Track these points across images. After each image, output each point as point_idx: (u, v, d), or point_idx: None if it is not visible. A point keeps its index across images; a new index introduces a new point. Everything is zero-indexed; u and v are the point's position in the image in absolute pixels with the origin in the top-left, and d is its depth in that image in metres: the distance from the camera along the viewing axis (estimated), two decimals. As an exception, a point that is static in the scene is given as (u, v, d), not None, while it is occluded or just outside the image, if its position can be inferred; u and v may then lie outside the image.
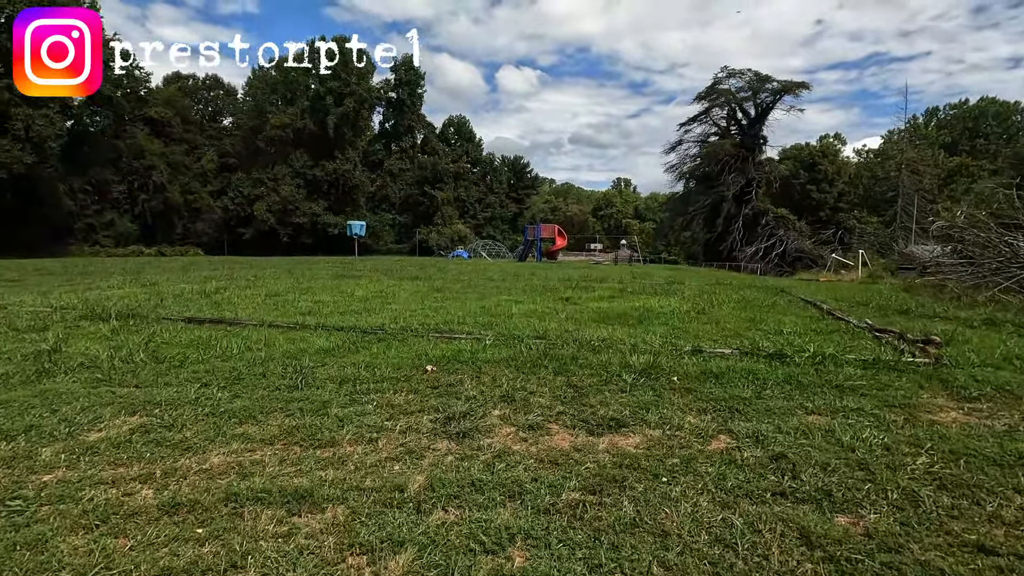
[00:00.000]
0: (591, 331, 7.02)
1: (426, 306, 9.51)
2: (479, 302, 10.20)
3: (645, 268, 30.46)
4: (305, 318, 7.92)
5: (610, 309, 9.23)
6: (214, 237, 61.44)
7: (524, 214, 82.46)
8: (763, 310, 9.12)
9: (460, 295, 11.43)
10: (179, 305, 9.42)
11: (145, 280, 14.97)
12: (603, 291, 12.40)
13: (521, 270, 22.90)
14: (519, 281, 15.55)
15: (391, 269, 22.01)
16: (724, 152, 46.19)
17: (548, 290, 12.79)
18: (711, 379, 4.89)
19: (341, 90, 60.44)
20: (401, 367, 5.32)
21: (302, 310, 8.85)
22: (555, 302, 10.42)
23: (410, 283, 14.52)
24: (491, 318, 8.16)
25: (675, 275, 21.74)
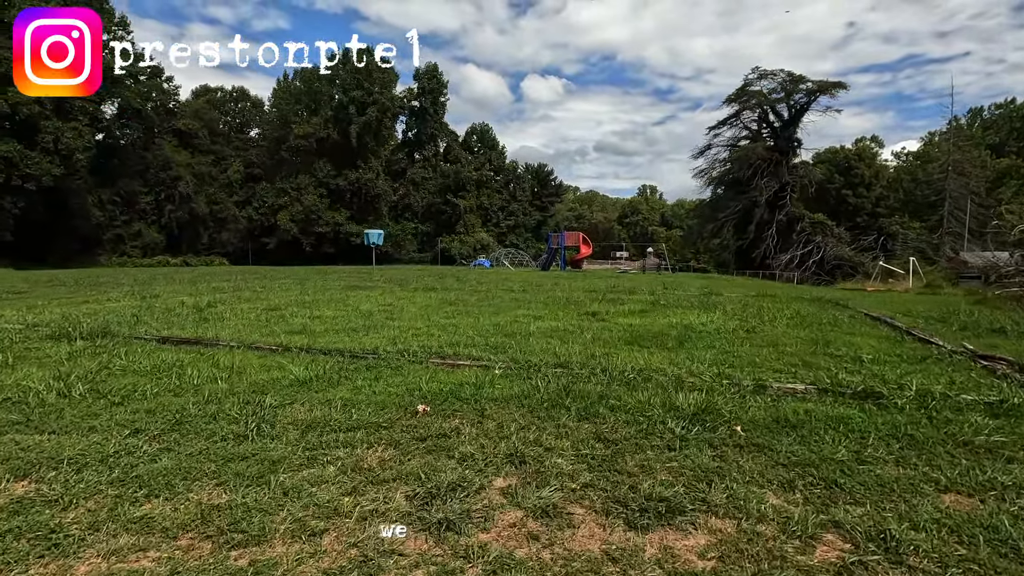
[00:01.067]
0: (623, 356, 5.87)
1: (433, 323, 8.46)
2: (494, 318, 9.11)
3: (675, 277, 28.99)
4: (293, 338, 6.94)
5: (643, 327, 8.04)
6: (239, 247, 61.88)
7: (548, 222, 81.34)
8: (825, 328, 7.80)
9: (474, 309, 10.36)
10: (163, 322, 8.57)
11: (149, 292, 14.32)
12: (633, 304, 11.19)
13: (544, 280, 21.78)
14: (540, 293, 14.44)
15: (407, 279, 21.14)
16: (756, 156, 44.37)
17: (572, 303, 11.64)
18: (787, 430, 3.69)
19: (364, 99, 60.47)
20: (386, 407, 4.26)
21: (294, 328, 7.88)
22: (580, 318, 9.26)
23: (423, 295, 13.53)
24: (505, 338, 7.05)
25: (709, 284, 20.34)
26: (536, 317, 9.27)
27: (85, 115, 42.61)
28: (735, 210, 46.05)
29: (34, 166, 37.55)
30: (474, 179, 71.10)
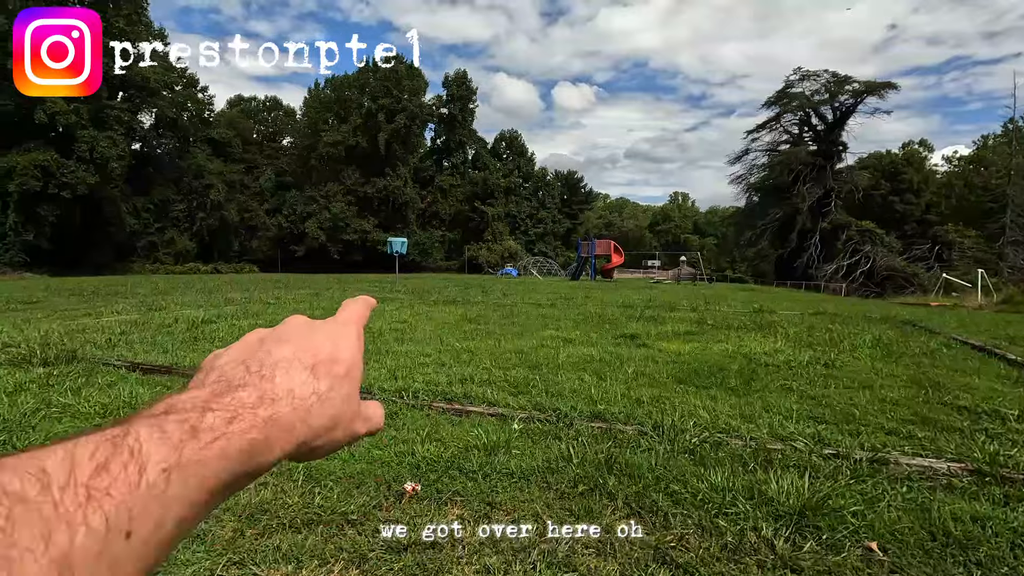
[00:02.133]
0: (678, 402, 4.61)
1: (447, 347, 7.33)
2: (517, 341, 7.93)
3: (713, 288, 27.33)
4: (278, 368, 5.89)
5: (695, 356, 6.74)
6: (269, 254, 62.39)
7: (577, 230, 79.98)
8: (923, 363, 6.37)
9: (495, 329, 9.20)
10: (149, 343, 7.67)
11: (158, 304, 13.63)
12: (677, 324, 9.86)
13: (574, 291, 20.52)
14: (571, 307, 13.20)
15: (430, 290, 20.16)
16: (798, 160, 42.22)
17: (606, 321, 10.37)
18: (955, 554, 2.40)
19: (393, 107, 60.42)
20: (363, 483, 3.14)
21: (286, 352, 6.84)
22: (617, 341, 8.01)
23: (442, 309, 12.46)
24: (529, 371, 5.86)
25: (754, 298, 18.75)
26: (566, 340, 8.05)
27: (121, 125, 43.34)
28: (775, 217, 43.88)
29: (70, 175, 38.23)
30: (502, 186, 70.32)
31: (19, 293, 18.87)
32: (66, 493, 0.24)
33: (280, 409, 0.32)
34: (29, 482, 0.23)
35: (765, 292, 26.35)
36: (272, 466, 0.32)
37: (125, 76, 45.22)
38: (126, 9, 45.14)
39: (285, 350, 0.37)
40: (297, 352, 0.37)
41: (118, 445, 0.27)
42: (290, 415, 0.33)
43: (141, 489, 0.26)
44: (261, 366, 0.35)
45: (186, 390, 0.34)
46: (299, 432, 0.33)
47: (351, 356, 0.39)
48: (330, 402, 0.35)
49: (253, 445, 0.30)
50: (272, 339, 0.39)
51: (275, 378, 0.34)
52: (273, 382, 0.34)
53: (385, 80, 60.45)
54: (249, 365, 0.36)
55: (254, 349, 0.38)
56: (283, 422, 0.32)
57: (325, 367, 0.37)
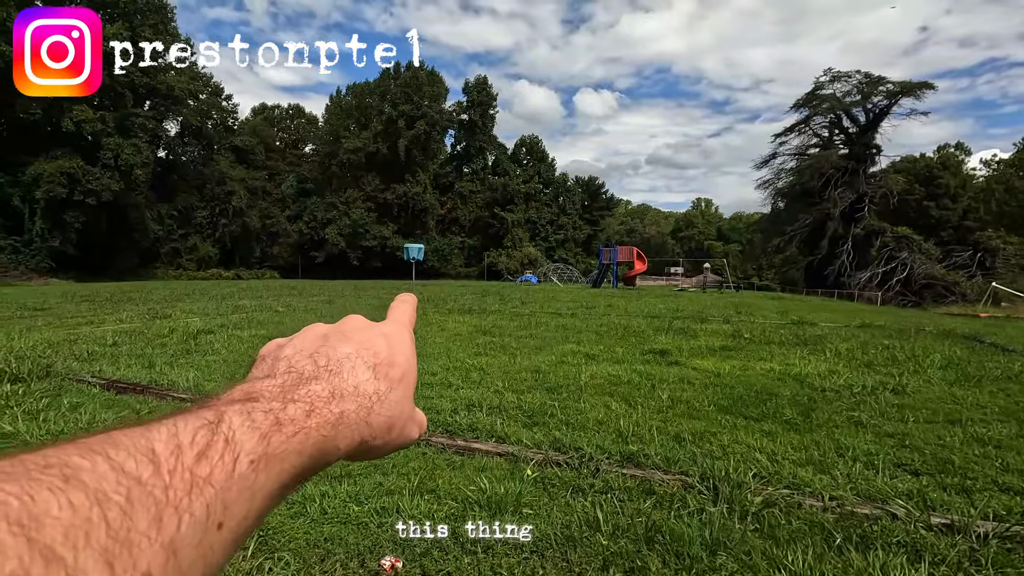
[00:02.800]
0: (726, 439, 3.82)
1: (456, 364, 6.61)
2: (534, 357, 7.18)
3: (741, 297, 26.17)
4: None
5: (736, 378, 5.90)
6: (290, 260, 62.68)
7: (598, 236, 78.88)
8: (1007, 388, 5.43)
9: (511, 343, 8.45)
10: (136, 355, 7.12)
11: (163, 311, 13.21)
12: (710, 338, 8.99)
13: (595, 300, 19.67)
14: (592, 317, 12.39)
15: (445, 298, 19.51)
16: (829, 164, 40.69)
17: (632, 333, 9.55)
18: None
19: (413, 113, 60.35)
20: (331, 552, 2.44)
21: (279, 369, 6.19)
22: (645, 358, 7.19)
23: (456, 319, 11.76)
24: (546, 395, 5.11)
25: (787, 308, 17.69)
26: (589, 357, 7.27)
27: (145, 132, 43.90)
28: (804, 223, 42.34)
29: (95, 182, 38.72)
30: (522, 192, 69.70)
31: (34, 299, 18.76)
32: (175, 477, 0.24)
33: (348, 406, 0.33)
34: (143, 463, 0.23)
35: (796, 301, 25.11)
36: (333, 463, 0.32)
37: (151, 85, 45.95)
38: (152, 19, 45.84)
39: (348, 347, 0.37)
40: (359, 350, 0.37)
41: (215, 432, 0.27)
42: (355, 413, 0.33)
43: (235, 479, 0.26)
44: (328, 360, 0.35)
45: (255, 379, 0.33)
46: (361, 431, 0.33)
47: (406, 360, 0.39)
48: (388, 403, 0.35)
49: (325, 441, 0.31)
50: (335, 335, 0.39)
51: (342, 373, 0.35)
52: (341, 377, 0.34)
53: (406, 86, 60.45)
54: (317, 359, 0.36)
55: (319, 343, 0.37)
56: (350, 420, 0.32)
57: (384, 369, 0.37)
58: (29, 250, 37.93)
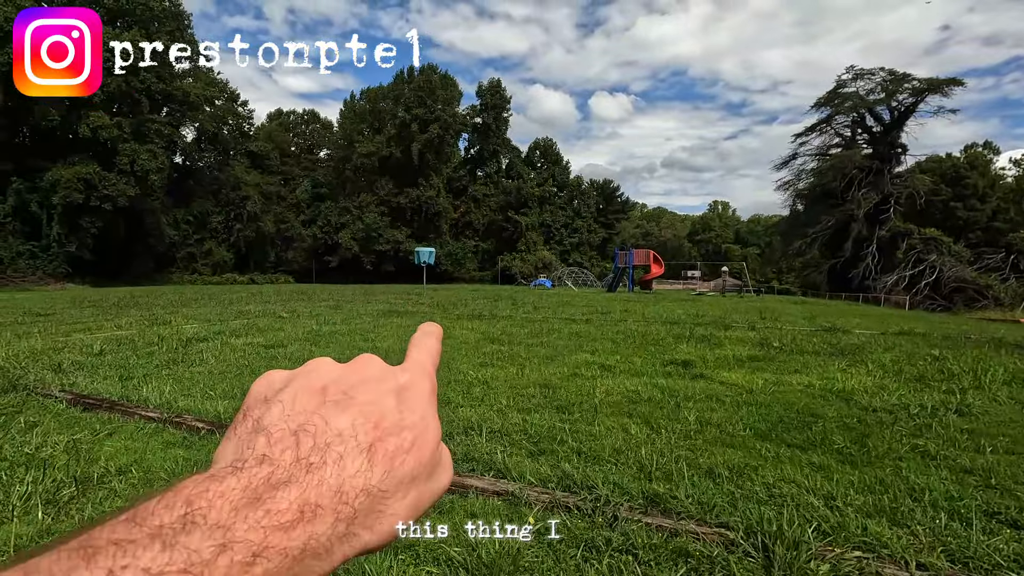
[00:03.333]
0: (771, 476, 3.19)
1: (459, 377, 6.03)
2: (544, 368, 6.58)
3: (763, 301, 25.27)
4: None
5: (772, 393, 5.24)
6: (304, 265, 62.80)
7: (613, 240, 78.01)
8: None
9: (520, 352, 7.86)
10: (118, 365, 6.68)
11: (164, 317, 12.85)
12: (737, 346, 8.30)
13: (611, 304, 19.00)
14: (608, 324, 11.74)
15: (456, 302, 18.99)
16: (853, 164, 39.46)
17: (651, 342, 8.89)
18: None
19: (426, 117, 60.18)
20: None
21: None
22: (667, 370, 6.56)
23: (464, 326, 11.20)
24: (556, 415, 4.51)
25: (813, 312, 16.85)
26: (604, 368, 6.65)
27: (161, 138, 44.20)
28: (827, 225, 41.11)
29: (111, 187, 38.97)
30: (536, 195, 69.12)
31: (44, 304, 18.63)
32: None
33: (317, 529, 0.26)
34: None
35: (821, 305, 24.14)
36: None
37: (168, 91, 46.33)
38: (169, 25, 46.23)
39: (345, 418, 0.31)
40: (357, 421, 0.31)
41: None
42: (330, 530, 0.27)
43: None
44: (315, 442, 0.29)
45: (225, 467, 0.27)
46: (345, 548, 0.27)
47: (420, 419, 0.33)
48: (382, 495, 0.29)
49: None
50: (334, 391, 0.32)
51: (324, 467, 0.28)
52: (322, 473, 0.28)
53: (419, 90, 60.31)
54: (300, 440, 0.29)
55: (314, 405, 0.31)
56: (318, 545, 0.26)
57: (384, 445, 0.30)
58: (47, 255, 38.27)
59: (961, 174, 57.15)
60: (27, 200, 38.12)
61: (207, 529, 0.24)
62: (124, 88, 41.15)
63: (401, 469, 0.30)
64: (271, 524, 0.25)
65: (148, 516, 0.24)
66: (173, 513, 0.24)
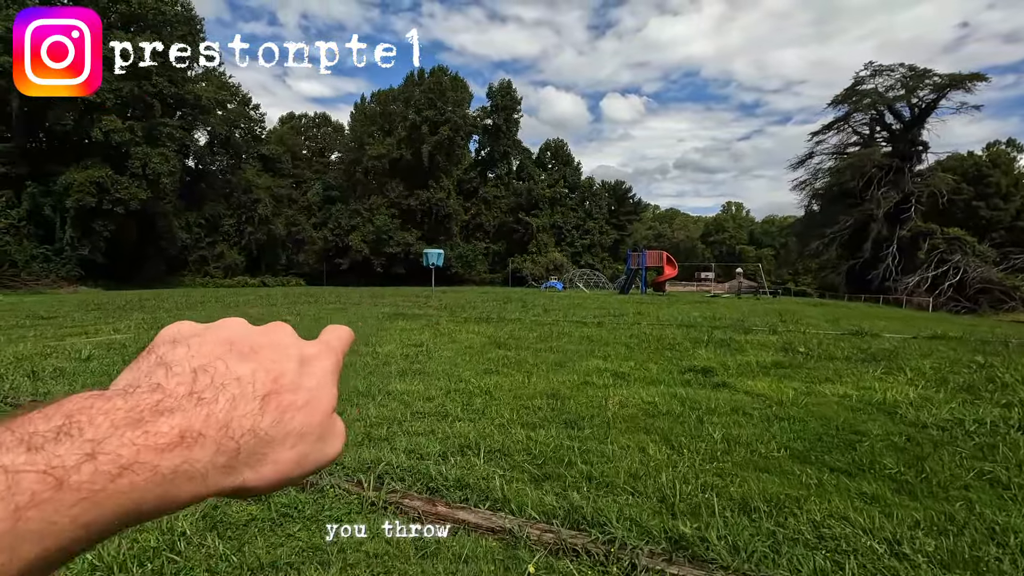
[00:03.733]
0: (816, 511, 2.69)
1: (460, 385, 5.58)
2: (553, 376, 6.11)
3: (781, 303, 24.56)
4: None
5: (804, 406, 4.72)
6: (315, 268, 62.83)
7: (625, 241, 77.26)
8: None
9: (528, 357, 7.40)
10: (97, 373, 6.33)
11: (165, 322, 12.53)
12: (759, 351, 7.77)
13: (624, 307, 18.45)
14: (621, 327, 11.23)
15: (464, 305, 18.56)
16: (872, 163, 38.47)
17: (667, 346, 8.38)
18: None
19: (436, 119, 59.97)
20: None
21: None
22: (685, 378, 6.05)
23: (471, 329, 10.76)
24: (564, 431, 4.04)
25: (836, 315, 16.16)
26: (617, 376, 6.16)
27: (173, 141, 44.37)
28: (845, 225, 40.11)
29: (123, 191, 39.14)
30: (547, 197, 68.59)
31: (48, 307, 18.51)
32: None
33: (196, 455, 0.28)
34: None
35: (841, 307, 23.36)
36: (182, 509, 0.28)
37: (180, 95, 46.54)
38: (181, 30, 46.47)
39: (246, 367, 0.33)
40: (257, 372, 0.33)
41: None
42: (209, 460, 0.28)
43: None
44: (212, 381, 0.31)
45: (117, 389, 0.29)
46: (221, 479, 0.29)
47: (317, 382, 0.35)
48: (268, 440, 0.31)
49: (139, 501, 0.26)
50: (241, 344, 0.34)
51: (217, 402, 0.30)
52: (211, 407, 0.29)
53: (429, 92, 60.14)
54: (200, 375, 0.31)
55: (219, 352, 0.33)
56: (196, 469, 0.28)
57: (280, 397, 0.32)
58: (60, 258, 38.49)
59: (983, 172, 55.77)
60: (41, 204, 38.40)
61: (80, 441, 0.25)
62: (136, 92, 41.36)
63: (291, 422, 0.32)
64: (146, 444, 0.26)
65: (23, 424, 0.25)
66: (49, 423, 0.25)
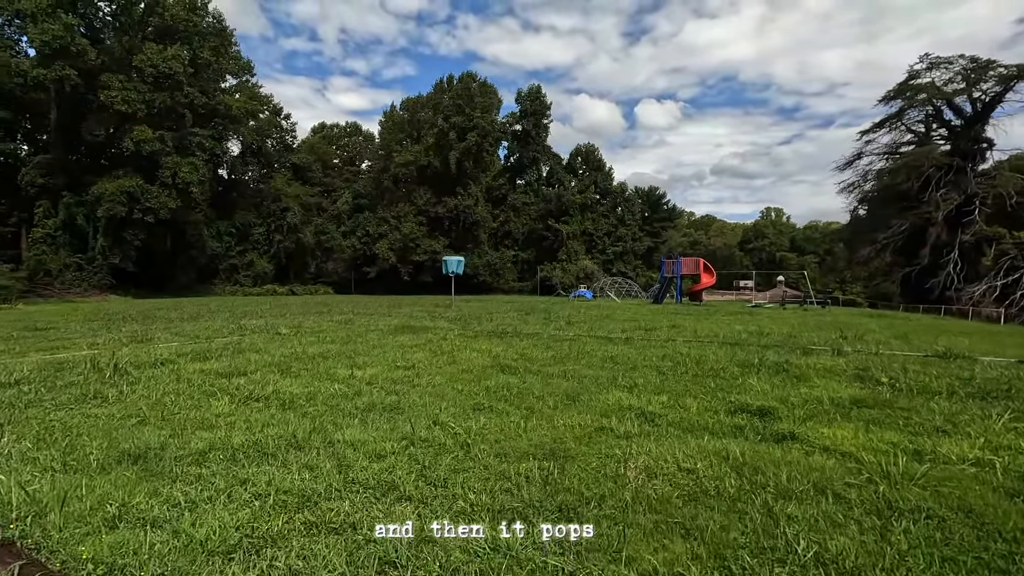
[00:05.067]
0: None
1: (430, 434, 4.17)
2: (561, 416, 4.67)
3: (831, 315, 22.36)
4: (121, 473, 3.02)
5: (922, 489, 3.13)
6: (344, 276, 62.70)
7: (660, 248, 74.76)
8: None
9: (535, 385, 5.96)
10: (7, 404, 5.18)
11: (150, 335, 11.62)
12: (827, 381, 6.14)
13: (656, 318, 16.78)
14: (652, 344, 9.65)
15: (482, 316, 17.22)
16: (930, 162, 35.54)
17: (708, 372, 6.81)
18: None
19: (464, 125, 59.20)
20: None
21: (161, 438, 3.99)
22: (735, 424, 4.51)
23: (479, 345, 9.39)
24: (557, 525, 2.56)
25: (903, 330, 14.12)
26: (645, 418, 4.67)
27: (203, 151, 44.72)
28: (899, 230, 37.17)
29: (153, 199, 39.46)
30: (578, 203, 66.90)
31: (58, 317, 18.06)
32: None
33: None
34: None
35: (903, 320, 21.03)
36: None
37: (211, 105, 47.02)
38: (213, 41, 47.04)
39: None
40: None
41: None
42: None
43: None
44: None
45: None
46: None
47: None
48: None
49: None
50: None
51: None
52: None
53: (457, 98, 59.48)
54: None
55: None
56: None
57: None
58: (92, 267, 38.99)
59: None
60: (75, 214, 39.03)
61: None
62: (168, 103, 41.83)
63: None
64: None
65: None
66: None
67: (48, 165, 39.73)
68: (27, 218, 39.77)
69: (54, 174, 39.67)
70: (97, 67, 38.51)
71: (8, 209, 40.10)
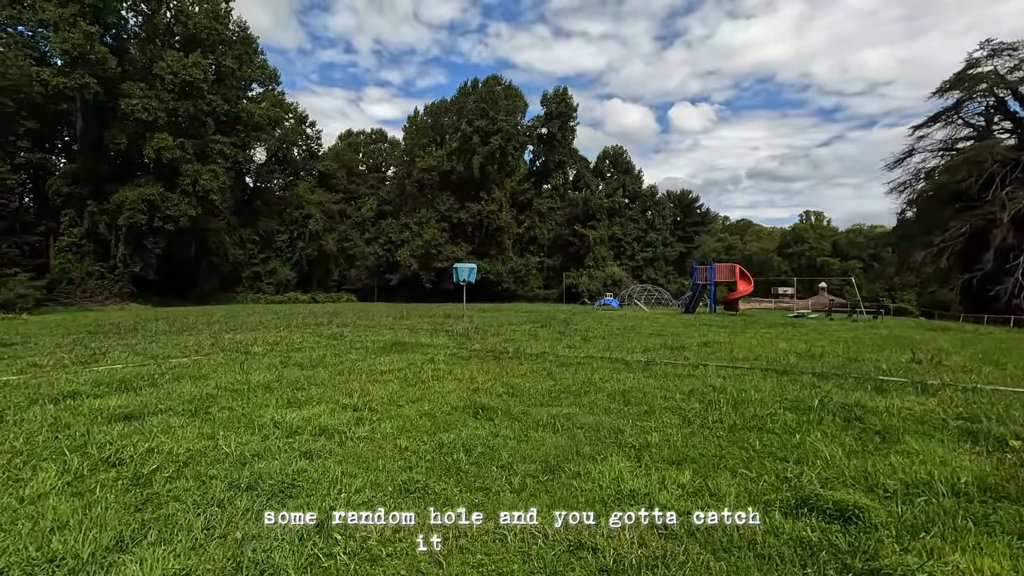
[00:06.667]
0: None
1: (308, 553, 2.53)
2: (528, 506, 2.94)
3: (888, 327, 19.91)
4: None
5: None
6: (367, 283, 62.07)
7: (692, 254, 71.87)
8: None
9: (511, 440, 4.26)
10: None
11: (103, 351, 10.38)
12: (928, 443, 4.27)
13: (687, 332, 14.84)
14: (679, 372, 7.83)
15: (488, 330, 15.58)
16: (993, 157, 32.39)
17: (752, 424, 4.99)
18: None
19: (488, 128, 57.93)
20: None
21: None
22: (800, 535, 2.71)
23: (465, 372, 7.77)
24: None
25: (982, 348, 11.82)
26: (655, 525, 2.93)
27: (224, 159, 44.58)
28: (958, 232, 34.01)
29: (173, 207, 39.33)
30: (605, 207, 64.75)
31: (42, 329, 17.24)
32: None
33: None
34: None
35: (972, 333, 18.45)
36: None
37: (235, 112, 46.96)
38: (237, 49, 47.04)
39: None
40: None
41: None
42: None
43: None
44: None
45: None
46: None
47: None
48: None
49: None
50: None
51: None
52: None
53: (481, 101, 58.31)
54: None
55: None
56: None
57: None
58: (113, 275, 39.03)
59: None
60: (98, 222, 39.18)
61: None
62: (191, 111, 41.78)
63: None
64: None
65: None
66: None
67: (74, 174, 40.06)
68: (55, 227, 40.15)
69: (80, 183, 39.96)
70: (119, 76, 38.66)
71: (36, 218, 40.58)
